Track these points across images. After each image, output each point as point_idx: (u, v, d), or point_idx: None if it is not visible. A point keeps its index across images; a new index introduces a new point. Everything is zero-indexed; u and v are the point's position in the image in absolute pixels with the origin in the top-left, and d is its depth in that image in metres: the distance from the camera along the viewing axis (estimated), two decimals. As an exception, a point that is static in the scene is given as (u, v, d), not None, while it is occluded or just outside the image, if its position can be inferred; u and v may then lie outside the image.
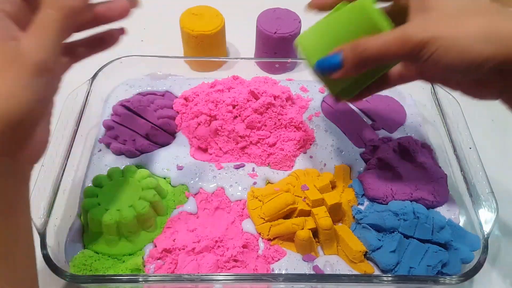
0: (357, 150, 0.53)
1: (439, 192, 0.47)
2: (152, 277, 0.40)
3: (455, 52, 0.32)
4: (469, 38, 0.31)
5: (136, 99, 0.56)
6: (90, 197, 0.45)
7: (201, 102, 0.54)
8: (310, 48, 0.38)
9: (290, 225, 0.44)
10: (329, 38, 0.36)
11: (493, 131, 0.62)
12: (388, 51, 0.33)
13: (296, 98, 0.58)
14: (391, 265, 0.42)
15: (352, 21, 0.36)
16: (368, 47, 0.34)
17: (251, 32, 0.67)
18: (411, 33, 0.33)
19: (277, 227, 0.44)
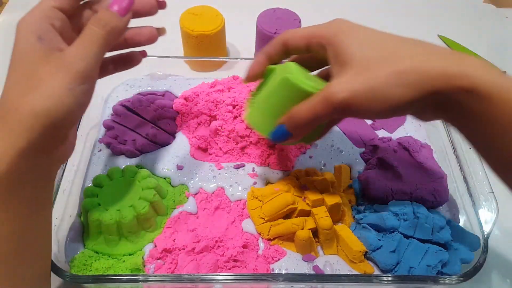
0: (357, 150, 0.53)
1: (439, 192, 0.47)
2: (152, 277, 0.40)
3: (379, 103, 0.32)
4: (384, 86, 0.32)
5: (136, 99, 0.56)
6: (90, 197, 0.45)
7: (201, 102, 0.54)
8: (258, 124, 0.42)
9: (290, 225, 0.44)
10: (270, 113, 0.40)
11: (493, 131, 0.62)
12: (316, 114, 0.35)
13: None
14: (391, 265, 0.42)
15: (284, 94, 0.39)
16: (299, 115, 0.36)
17: (251, 32, 0.67)
18: (331, 93, 0.34)
19: (277, 227, 0.44)
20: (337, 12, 0.81)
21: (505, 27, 0.80)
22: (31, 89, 0.31)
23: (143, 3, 0.40)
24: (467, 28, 0.80)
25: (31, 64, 0.32)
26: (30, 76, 0.32)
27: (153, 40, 0.42)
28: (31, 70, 0.32)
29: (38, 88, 0.31)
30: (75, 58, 0.32)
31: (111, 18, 0.35)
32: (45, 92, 0.31)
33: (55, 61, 0.32)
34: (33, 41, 0.32)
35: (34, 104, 0.31)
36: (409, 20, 0.81)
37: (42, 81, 0.31)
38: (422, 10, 0.83)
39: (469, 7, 0.84)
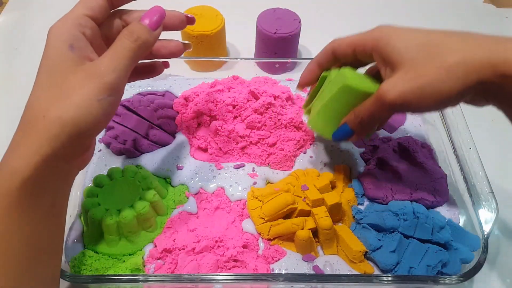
0: (357, 150, 0.53)
1: (439, 192, 0.47)
2: (152, 277, 0.40)
3: (428, 99, 0.34)
4: (432, 83, 0.34)
5: (136, 99, 0.56)
6: (90, 197, 0.45)
7: (201, 102, 0.54)
8: (323, 128, 0.45)
9: (290, 225, 0.44)
10: (333, 117, 0.43)
11: (493, 131, 0.62)
12: (373, 113, 0.39)
13: (296, 98, 0.58)
14: (391, 265, 0.42)
15: (345, 99, 0.41)
16: (360, 115, 0.40)
17: (251, 32, 0.67)
18: (382, 94, 0.36)
19: (277, 227, 0.44)
20: (337, 12, 0.82)
21: (505, 27, 0.80)
22: (60, 98, 0.31)
23: (173, 18, 0.40)
24: (467, 28, 0.79)
25: (61, 72, 0.32)
26: (59, 85, 0.32)
27: (178, 54, 0.42)
28: (61, 79, 0.32)
29: (67, 97, 0.31)
30: (106, 69, 0.33)
31: (142, 31, 0.35)
32: (74, 101, 0.31)
33: (86, 71, 0.32)
34: (64, 49, 0.33)
35: (62, 113, 0.31)
36: (409, 20, 0.81)
37: (71, 90, 0.32)
38: (422, 10, 0.83)
39: (469, 7, 0.84)
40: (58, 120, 0.31)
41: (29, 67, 0.69)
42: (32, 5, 0.80)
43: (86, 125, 0.32)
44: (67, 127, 0.31)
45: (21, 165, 0.30)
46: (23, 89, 0.65)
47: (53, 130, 0.31)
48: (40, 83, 0.33)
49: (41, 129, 0.31)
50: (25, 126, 0.32)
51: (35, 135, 0.31)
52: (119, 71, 0.33)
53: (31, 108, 0.32)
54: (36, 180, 0.31)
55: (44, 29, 0.35)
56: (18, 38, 0.73)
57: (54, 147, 0.31)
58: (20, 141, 0.32)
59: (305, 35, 0.68)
